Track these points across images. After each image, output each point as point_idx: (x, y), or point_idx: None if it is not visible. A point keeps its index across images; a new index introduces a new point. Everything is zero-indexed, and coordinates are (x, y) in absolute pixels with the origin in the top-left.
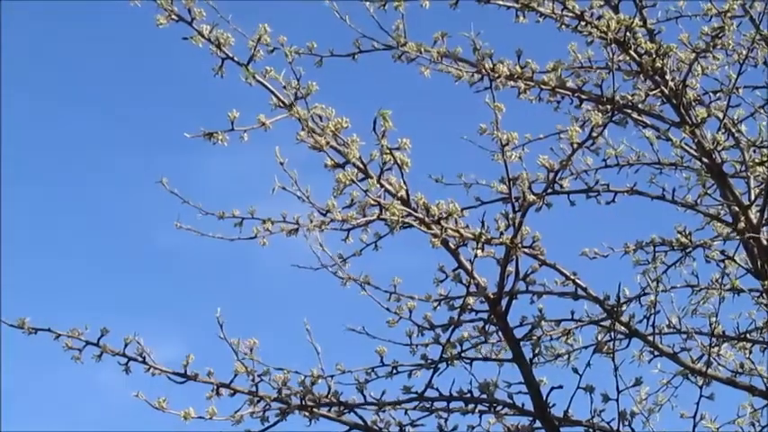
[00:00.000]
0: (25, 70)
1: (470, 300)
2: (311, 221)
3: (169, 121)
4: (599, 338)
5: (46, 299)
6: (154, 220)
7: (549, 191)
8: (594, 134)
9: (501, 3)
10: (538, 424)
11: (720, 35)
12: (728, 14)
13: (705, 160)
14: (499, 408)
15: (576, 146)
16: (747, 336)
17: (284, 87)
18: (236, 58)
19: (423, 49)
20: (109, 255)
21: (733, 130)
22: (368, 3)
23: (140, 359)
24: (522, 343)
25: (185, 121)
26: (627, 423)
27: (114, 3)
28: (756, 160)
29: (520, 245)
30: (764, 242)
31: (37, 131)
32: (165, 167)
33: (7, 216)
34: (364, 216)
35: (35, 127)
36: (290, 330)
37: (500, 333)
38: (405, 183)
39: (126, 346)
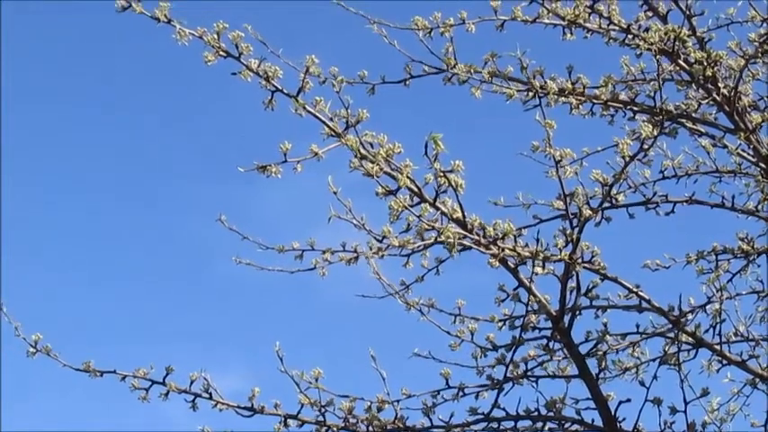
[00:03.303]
0: (85, 103)
1: (533, 318)
2: (370, 249)
3: (220, 151)
4: (666, 350)
5: (107, 329)
6: (215, 250)
7: (606, 205)
8: (646, 146)
9: (547, 21)
10: None
11: None
12: None
13: (763, 165)
14: (568, 425)
15: (627, 159)
16: None
17: (331, 119)
18: (285, 91)
19: (473, 71)
20: (170, 284)
21: None
22: (416, 28)
23: (207, 395)
24: (587, 358)
25: (237, 150)
26: None
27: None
28: None
29: (579, 260)
30: None
31: (92, 160)
32: (222, 197)
33: (67, 248)
34: (422, 240)
35: (91, 156)
36: (354, 357)
37: (565, 349)
38: (460, 205)
39: (192, 383)
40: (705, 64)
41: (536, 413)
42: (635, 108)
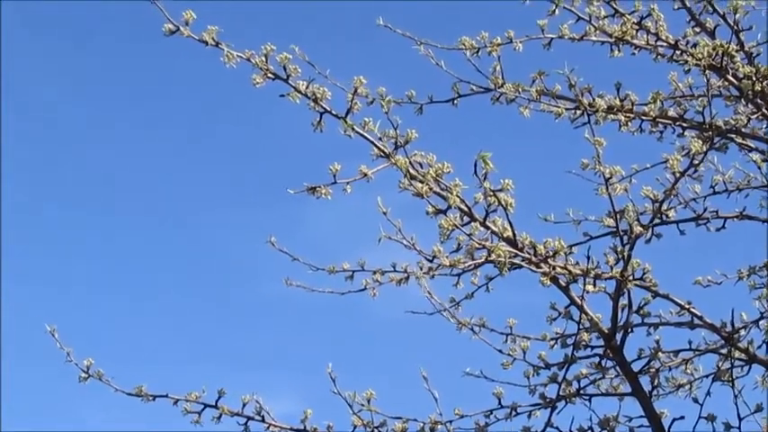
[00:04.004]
0: (132, 127)
1: (585, 336)
2: (420, 269)
3: (269, 173)
4: (719, 366)
5: (156, 353)
6: (260, 272)
7: (657, 221)
8: (696, 161)
9: (595, 39)
10: None
11: None
12: None
13: None
14: None
15: (678, 175)
16: None
17: (380, 138)
18: (334, 112)
19: (521, 89)
20: (219, 307)
21: None
22: (463, 48)
23: (259, 418)
24: (640, 376)
25: (284, 172)
26: None
27: (214, 59)
28: None
29: (630, 278)
30: None
31: (139, 183)
32: (271, 219)
33: (116, 271)
34: (473, 259)
35: (138, 179)
36: (405, 378)
37: (617, 367)
38: (510, 223)
39: (244, 406)
40: (754, 79)
41: (589, 431)
42: (684, 124)
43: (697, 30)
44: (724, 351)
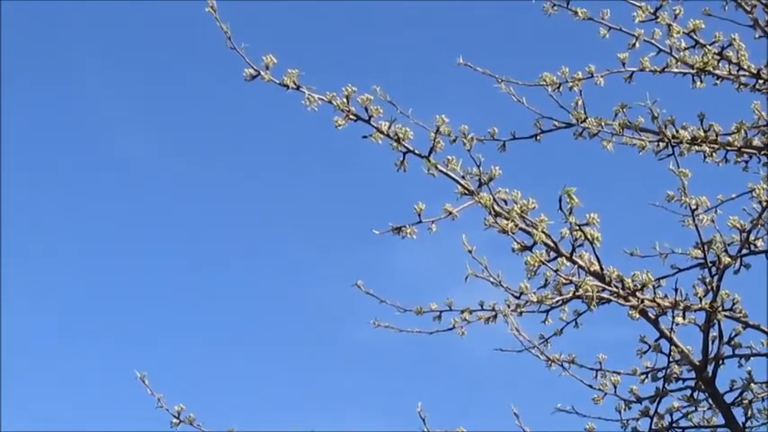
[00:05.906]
0: (220, 170)
1: (676, 368)
2: (508, 306)
3: (354, 215)
4: None
5: (247, 397)
6: (349, 315)
7: (745, 252)
8: None
9: (676, 70)
10: None
11: None
12: None
13: None
14: None
15: (765, 204)
16: None
17: (463, 177)
18: (416, 151)
19: (604, 123)
20: (308, 350)
21: None
22: (544, 84)
23: None
24: (733, 407)
25: (371, 213)
26: None
27: (294, 101)
28: None
29: (720, 309)
30: None
31: (229, 228)
32: (358, 261)
33: (205, 316)
34: (560, 295)
35: (228, 224)
36: (496, 415)
37: (710, 399)
38: (597, 257)
39: None
40: None
41: None
42: None
43: None
44: None
